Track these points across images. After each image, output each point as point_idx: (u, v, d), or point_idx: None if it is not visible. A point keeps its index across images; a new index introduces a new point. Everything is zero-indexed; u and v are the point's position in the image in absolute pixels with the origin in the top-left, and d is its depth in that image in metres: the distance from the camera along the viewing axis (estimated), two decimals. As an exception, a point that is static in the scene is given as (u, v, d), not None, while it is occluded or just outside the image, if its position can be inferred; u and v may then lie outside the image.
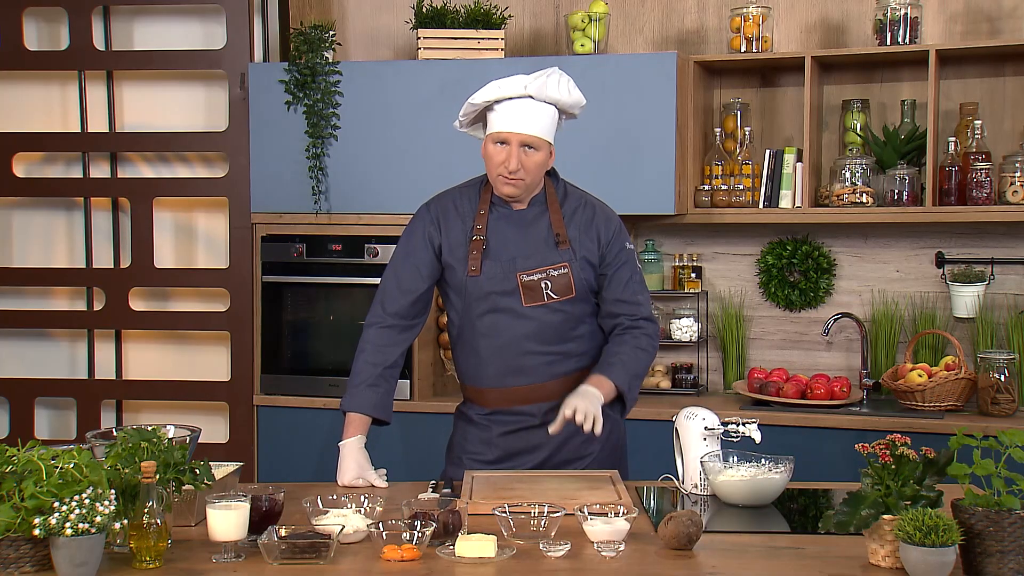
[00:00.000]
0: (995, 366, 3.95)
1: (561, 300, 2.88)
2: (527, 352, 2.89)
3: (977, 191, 4.05)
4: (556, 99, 2.83)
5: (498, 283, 2.87)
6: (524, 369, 2.90)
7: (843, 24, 4.45)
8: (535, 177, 2.87)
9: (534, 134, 2.81)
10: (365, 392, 2.88)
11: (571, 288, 2.88)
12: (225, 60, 4.54)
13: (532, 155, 2.82)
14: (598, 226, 2.94)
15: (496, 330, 2.89)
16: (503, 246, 2.89)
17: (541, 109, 2.83)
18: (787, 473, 2.66)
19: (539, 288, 2.86)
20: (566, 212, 2.94)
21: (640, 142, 4.19)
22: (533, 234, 2.90)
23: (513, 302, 2.87)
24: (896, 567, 2.10)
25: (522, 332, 2.88)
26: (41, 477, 2.09)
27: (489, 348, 2.91)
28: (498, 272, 2.87)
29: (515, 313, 2.87)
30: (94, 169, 4.76)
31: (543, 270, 2.87)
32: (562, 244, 2.89)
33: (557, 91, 2.83)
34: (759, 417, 2.92)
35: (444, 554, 2.18)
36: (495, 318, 2.89)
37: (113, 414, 4.76)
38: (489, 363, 2.93)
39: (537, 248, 2.89)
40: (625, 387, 2.85)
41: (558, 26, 4.73)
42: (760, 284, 4.55)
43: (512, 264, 2.87)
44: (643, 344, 2.92)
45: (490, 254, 2.88)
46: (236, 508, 2.21)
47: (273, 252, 4.51)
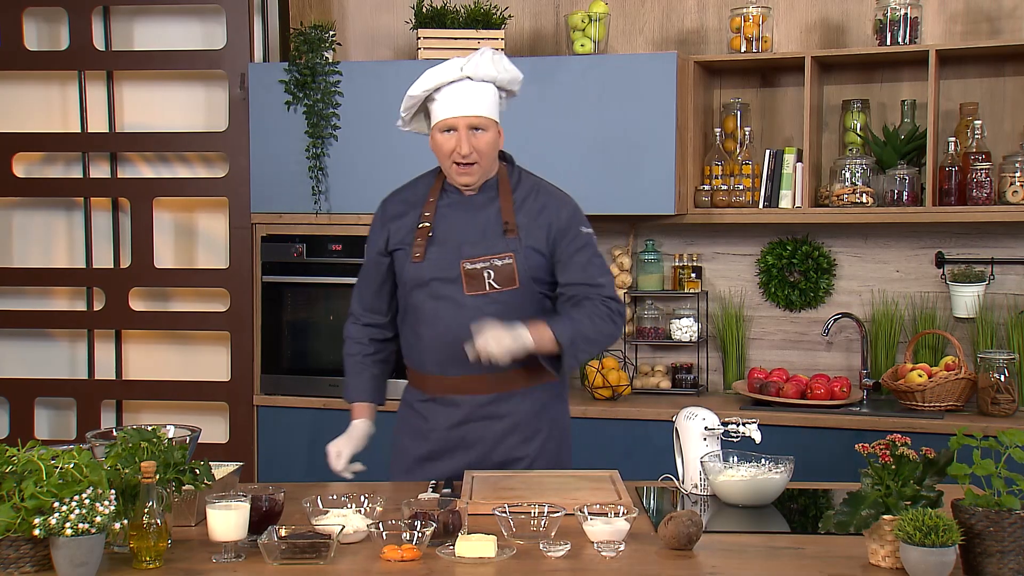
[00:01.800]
0: (995, 366, 3.95)
1: (503, 291, 2.81)
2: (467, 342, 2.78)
3: (977, 191, 4.05)
4: (493, 76, 2.81)
5: (441, 269, 2.83)
6: (462, 360, 2.80)
7: (843, 24, 4.45)
8: (488, 159, 2.84)
9: (479, 114, 2.79)
10: (353, 382, 3.02)
11: (514, 279, 2.81)
12: (225, 60, 4.54)
13: (481, 136, 2.80)
14: (549, 214, 2.86)
15: (436, 318, 2.85)
16: (450, 232, 2.86)
17: (481, 89, 2.81)
18: (787, 473, 2.66)
19: (481, 277, 2.81)
20: (517, 198, 2.88)
21: (640, 142, 4.19)
22: (481, 220, 2.86)
23: (454, 290, 2.82)
24: (896, 567, 2.10)
25: (462, 321, 2.79)
26: (41, 477, 2.09)
27: (429, 335, 2.87)
28: (442, 258, 2.84)
29: (455, 302, 2.82)
30: (94, 169, 4.76)
31: (487, 259, 2.81)
32: (509, 232, 2.83)
33: (493, 68, 2.80)
34: (759, 417, 2.92)
35: (444, 554, 2.18)
36: (436, 305, 2.85)
37: (113, 414, 4.76)
38: (429, 350, 2.89)
39: (483, 235, 2.84)
40: (566, 342, 2.75)
41: (558, 26, 4.73)
42: (760, 284, 4.55)
43: (456, 251, 2.83)
44: (601, 313, 2.83)
45: (436, 240, 2.86)
46: (236, 508, 2.21)
47: (273, 252, 4.51)
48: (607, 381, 4.30)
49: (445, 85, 2.80)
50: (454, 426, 2.91)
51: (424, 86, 2.82)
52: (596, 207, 4.25)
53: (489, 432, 2.89)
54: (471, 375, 2.86)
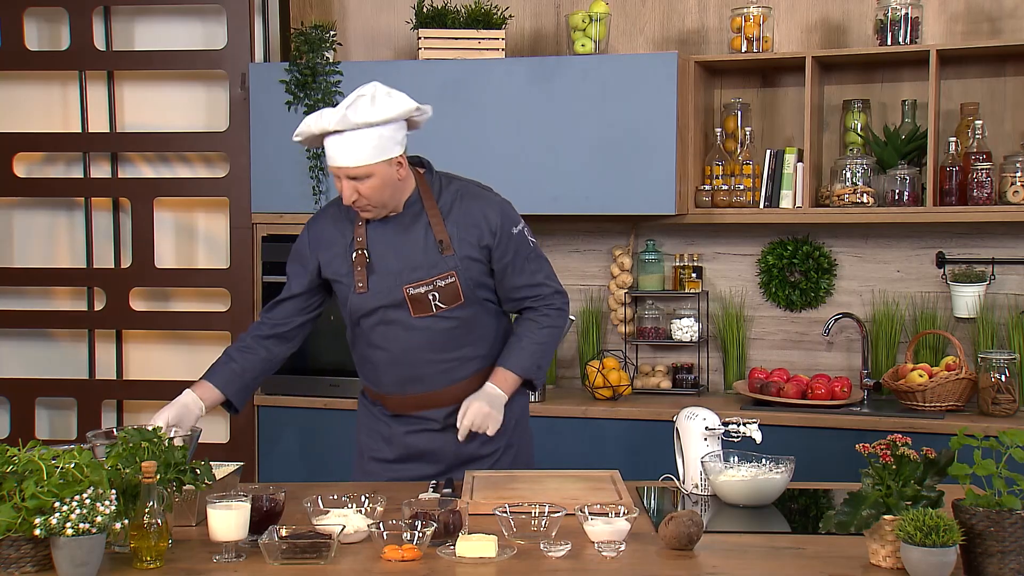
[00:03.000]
0: (995, 366, 3.95)
1: (450, 307, 2.81)
2: (422, 361, 2.84)
3: (978, 191, 4.05)
4: (367, 122, 2.65)
5: (385, 297, 2.81)
6: (420, 378, 2.86)
7: (844, 24, 4.45)
8: (382, 199, 2.74)
9: (354, 165, 2.67)
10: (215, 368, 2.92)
11: (459, 295, 2.81)
12: (226, 60, 4.54)
13: (366, 182, 2.69)
14: (477, 221, 2.81)
15: (388, 341, 2.84)
16: (386, 257, 2.81)
17: (360, 137, 2.66)
18: (788, 473, 2.66)
19: (427, 300, 2.79)
20: (443, 208, 2.82)
21: (641, 142, 4.19)
22: (414, 242, 2.81)
23: (402, 314, 2.81)
24: (897, 567, 2.10)
25: (415, 343, 2.82)
26: (42, 477, 2.09)
27: (383, 359, 2.87)
28: (384, 286, 2.81)
29: (405, 325, 2.82)
30: (95, 169, 4.76)
31: (429, 281, 2.79)
32: (446, 250, 2.79)
33: (366, 115, 2.65)
34: (760, 417, 2.92)
35: (445, 554, 2.18)
36: (385, 330, 2.84)
37: (113, 414, 4.76)
38: (385, 372, 2.89)
39: (421, 258, 2.79)
40: (531, 374, 2.85)
41: (559, 26, 4.73)
42: (761, 284, 4.55)
43: (398, 277, 2.80)
44: (546, 322, 2.88)
45: (374, 268, 2.81)
46: (237, 508, 2.21)
47: (273, 252, 4.51)
48: (607, 381, 4.30)
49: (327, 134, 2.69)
50: (416, 434, 2.92)
51: (301, 134, 2.74)
52: (596, 207, 4.28)
53: (451, 439, 2.88)
54: (429, 392, 2.88)
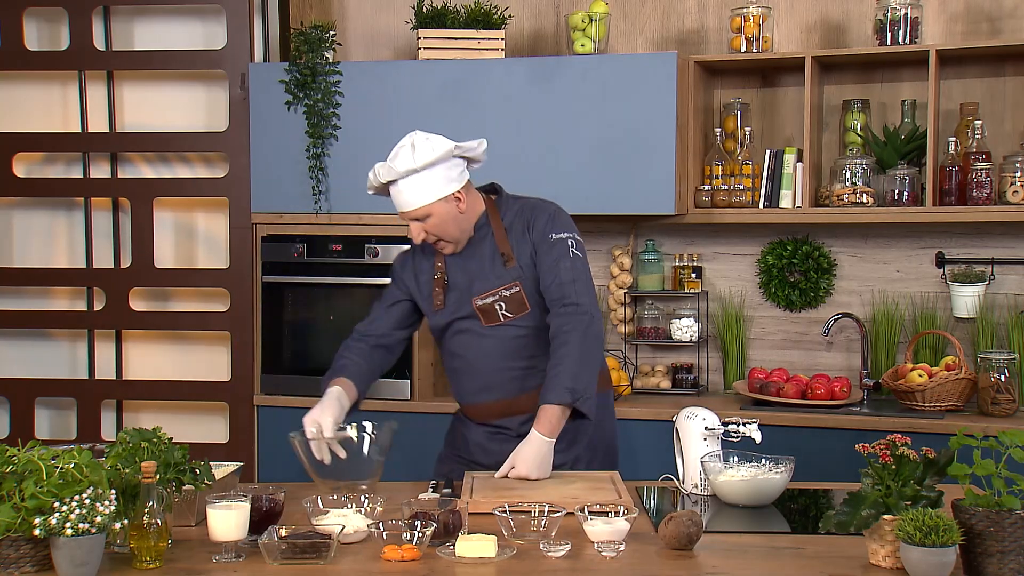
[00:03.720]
0: (995, 366, 3.95)
1: (517, 316, 2.93)
2: (494, 368, 2.96)
3: (977, 191, 4.05)
4: (411, 169, 2.83)
5: (457, 311, 2.96)
6: (493, 385, 2.97)
7: (843, 24, 4.45)
8: (448, 232, 2.90)
9: (412, 208, 2.86)
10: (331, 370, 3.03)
11: (524, 304, 2.92)
12: (225, 60, 4.54)
13: (428, 221, 2.87)
14: (529, 225, 2.95)
15: (464, 349, 2.98)
16: (460, 276, 2.96)
17: (410, 183, 2.84)
18: (787, 473, 2.66)
19: (494, 310, 2.92)
20: (507, 225, 2.97)
21: (640, 142, 4.19)
22: (480, 256, 2.95)
23: (474, 324, 2.95)
24: (896, 567, 2.10)
25: (486, 349, 2.95)
26: (41, 477, 2.09)
27: (461, 366, 3.02)
28: (457, 301, 2.96)
29: (477, 333, 2.95)
30: (94, 169, 4.76)
31: (495, 292, 2.92)
32: (509, 262, 2.92)
33: (410, 162, 2.82)
34: (759, 417, 2.92)
35: (444, 554, 2.18)
36: (461, 339, 2.98)
37: (113, 414, 4.76)
38: (463, 381, 3.03)
39: (487, 271, 2.93)
40: (567, 398, 2.77)
41: (558, 26, 4.73)
42: (760, 284, 4.55)
43: (468, 292, 2.94)
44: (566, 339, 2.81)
45: (451, 287, 2.97)
46: (236, 508, 2.21)
47: (273, 252, 4.51)
48: (607, 381, 4.30)
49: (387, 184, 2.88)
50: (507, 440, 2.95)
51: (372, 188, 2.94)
52: (596, 207, 4.27)
53: None
54: (504, 399, 2.97)
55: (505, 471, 2.77)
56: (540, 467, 2.76)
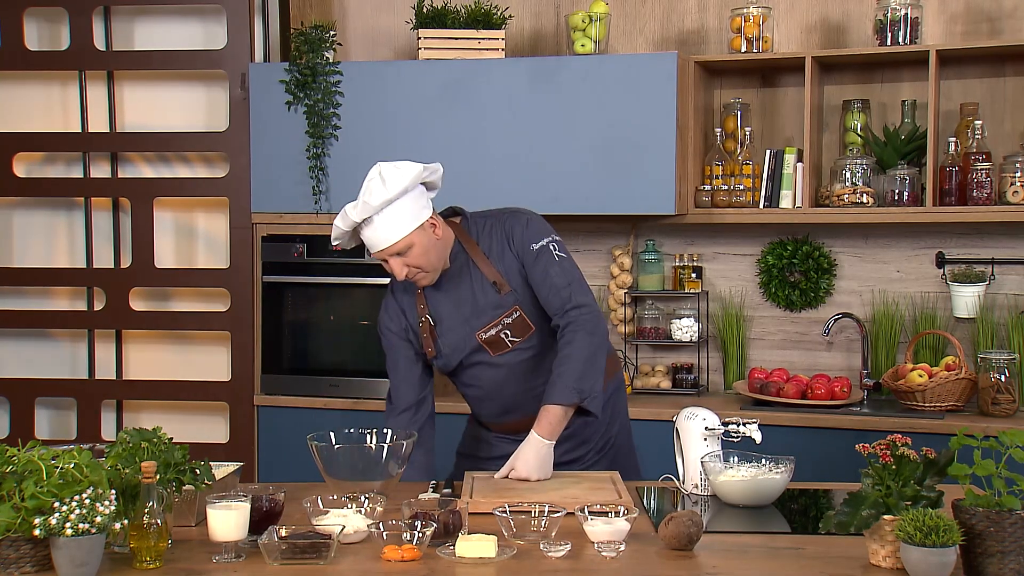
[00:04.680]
0: (995, 366, 3.95)
1: (524, 339, 2.89)
2: (512, 394, 2.94)
3: (977, 191, 4.05)
4: (386, 200, 2.72)
5: (462, 351, 2.91)
6: (513, 408, 2.96)
7: (843, 24, 4.45)
8: (430, 262, 2.81)
9: (392, 242, 2.75)
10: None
11: (528, 326, 2.88)
12: (225, 60, 4.54)
13: (410, 253, 2.78)
14: (507, 240, 2.89)
15: (478, 381, 2.96)
16: (451, 315, 2.90)
17: (386, 216, 2.73)
18: (787, 473, 2.66)
19: (500, 340, 2.89)
20: (485, 250, 2.90)
21: (640, 142, 4.19)
22: (467, 288, 2.88)
23: (483, 356, 2.91)
24: (897, 567, 2.10)
25: (501, 378, 2.93)
26: (41, 477, 2.08)
27: (477, 395, 3.00)
28: (458, 342, 2.90)
29: (489, 363, 2.92)
30: (94, 169, 4.76)
31: (497, 322, 2.88)
32: (502, 288, 2.87)
33: (381, 195, 2.71)
34: (759, 417, 2.92)
35: (444, 554, 2.18)
36: (473, 372, 2.95)
37: (113, 414, 4.77)
38: (481, 406, 3.03)
39: (481, 302, 2.87)
40: (572, 398, 2.76)
41: (558, 26, 4.73)
42: (760, 284, 4.55)
43: (468, 330, 2.89)
44: (573, 339, 2.79)
45: (443, 330, 2.91)
46: (236, 508, 2.20)
47: (273, 252, 4.51)
48: (607, 381, 4.30)
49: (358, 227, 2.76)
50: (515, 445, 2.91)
51: (338, 239, 2.82)
52: (596, 207, 4.28)
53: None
54: (527, 418, 2.86)
55: (505, 472, 2.76)
56: (540, 468, 2.75)
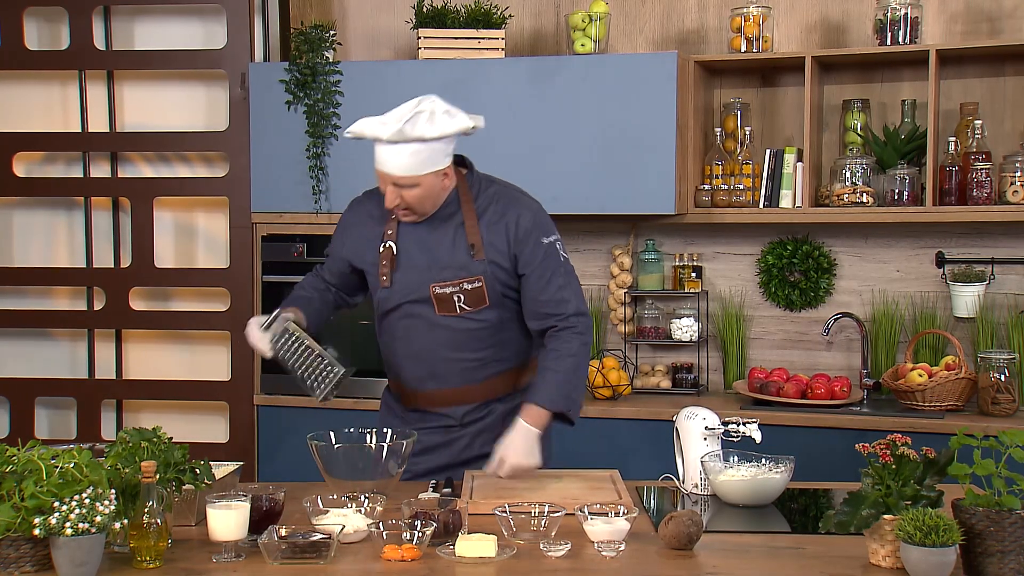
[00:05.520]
0: (995, 366, 3.95)
1: (475, 310, 2.79)
2: (442, 359, 2.82)
3: (977, 191, 4.05)
4: (420, 137, 2.63)
5: (410, 293, 2.80)
6: (440, 375, 2.84)
7: (843, 24, 4.45)
8: (424, 208, 2.74)
9: (403, 174, 2.66)
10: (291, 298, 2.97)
11: (484, 299, 2.78)
12: (225, 60, 4.54)
13: (410, 191, 2.69)
14: (507, 223, 2.78)
15: (410, 335, 2.83)
16: (415, 253, 2.80)
17: (409, 148, 2.64)
18: (787, 473, 2.66)
19: (452, 300, 2.77)
20: (478, 211, 2.79)
21: (640, 142, 4.19)
22: (445, 241, 2.78)
23: (426, 310, 2.80)
24: (897, 567, 2.10)
25: (436, 339, 2.81)
26: (41, 477, 2.09)
27: (404, 352, 2.86)
28: (410, 283, 2.79)
29: (428, 321, 2.80)
30: (94, 169, 4.76)
31: (456, 283, 2.77)
32: (476, 254, 2.76)
33: (423, 131, 2.63)
34: (759, 417, 2.92)
35: (444, 554, 2.18)
36: (408, 323, 2.83)
37: (113, 414, 4.76)
38: (404, 366, 2.89)
39: (451, 259, 2.77)
40: (561, 406, 2.73)
41: (558, 26, 4.73)
42: (760, 284, 4.55)
43: (425, 275, 2.78)
44: (570, 347, 2.76)
45: (401, 264, 2.80)
46: (236, 508, 2.21)
47: (273, 252, 4.51)
48: (607, 381, 4.30)
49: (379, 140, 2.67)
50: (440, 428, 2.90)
51: (353, 133, 2.73)
52: (596, 207, 4.28)
53: (465, 433, 2.89)
54: (446, 389, 2.84)
55: (494, 466, 2.69)
56: (528, 454, 2.68)
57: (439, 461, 2.91)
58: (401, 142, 2.64)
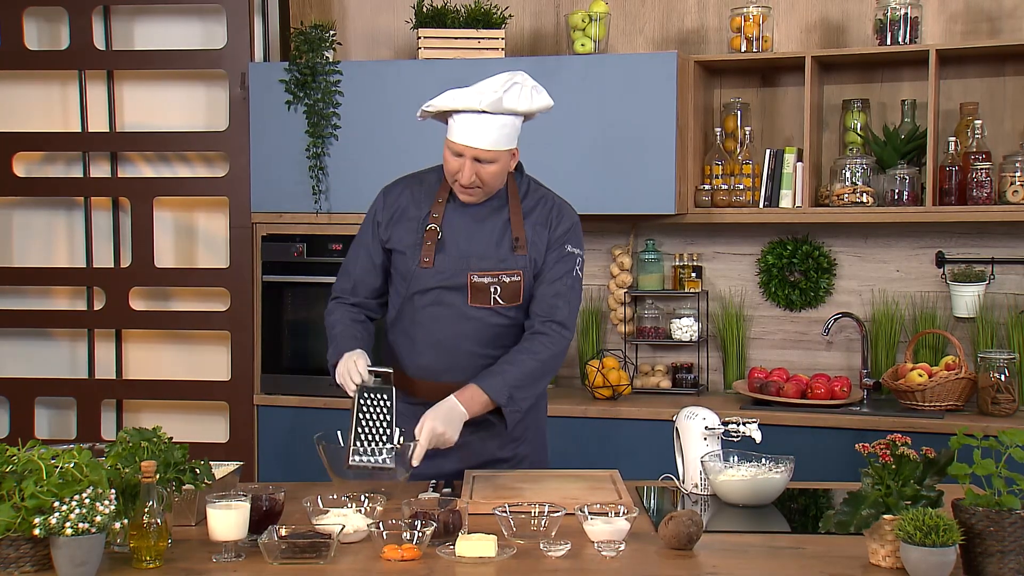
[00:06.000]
0: (995, 366, 3.95)
1: (507, 305, 2.78)
2: (465, 351, 2.79)
3: (977, 191, 4.05)
4: (515, 110, 2.66)
5: (447, 278, 2.77)
6: (458, 367, 2.79)
7: (843, 24, 4.45)
8: (493, 186, 2.74)
9: (488, 148, 2.66)
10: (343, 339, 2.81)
11: (519, 296, 2.78)
12: (225, 60, 4.54)
13: (487, 167, 2.69)
14: (551, 224, 2.81)
15: (436, 324, 2.80)
16: (457, 239, 2.78)
17: (499, 121, 2.66)
18: (787, 473, 2.66)
19: (488, 291, 2.75)
20: (525, 208, 2.81)
21: (640, 142, 4.19)
22: (489, 232, 2.78)
23: (458, 299, 2.77)
24: (896, 567, 2.10)
25: (462, 331, 2.79)
26: (41, 477, 2.08)
27: (426, 340, 2.82)
28: (449, 267, 2.77)
29: (458, 311, 2.78)
30: (94, 169, 4.76)
31: (495, 274, 2.76)
32: (520, 249, 2.77)
33: (517, 103, 2.66)
34: (759, 417, 2.92)
35: (444, 554, 2.18)
36: (437, 311, 2.79)
37: (113, 414, 4.76)
38: (423, 354, 2.83)
39: (493, 249, 2.77)
40: (501, 399, 2.71)
41: (558, 26, 4.73)
42: (760, 284, 4.55)
43: (465, 262, 2.76)
44: (541, 355, 2.76)
45: (444, 247, 2.77)
46: (236, 508, 2.20)
47: (273, 252, 4.51)
48: (607, 381, 4.30)
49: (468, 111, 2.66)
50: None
51: (440, 106, 2.70)
52: (596, 207, 4.28)
53: (475, 436, 2.83)
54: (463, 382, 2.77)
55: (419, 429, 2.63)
56: (448, 423, 2.63)
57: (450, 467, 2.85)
58: (496, 113, 2.64)
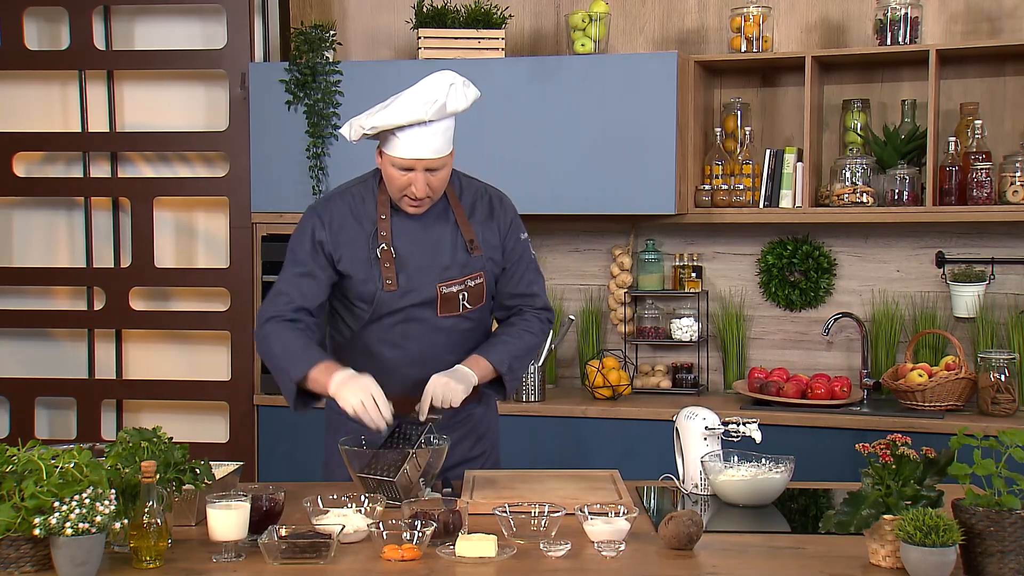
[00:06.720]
0: (995, 366, 3.95)
1: (473, 309, 2.77)
2: (439, 362, 2.72)
3: (977, 191, 4.05)
4: (456, 111, 2.62)
5: (416, 295, 2.71)
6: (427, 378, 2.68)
7: (843, 24, 4.45)
8: (441, 191, 2.70)
9: (437, 156, 2.61)
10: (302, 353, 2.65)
11: (483, 296, 2.78)
12: (225, 60, 4.54)
13: (438, 174, 2.64)
14: (497, 218, 2.79)
15: (407, 340, 2.74)
16: (413, 254, 2.71)
17: (442, 126, 2.61)
18: (787, 473, 2.66)
19: (456, 299, 2.73)
20: (466, 208, 2.77)
21: (640, 142, 4.19)
22: (442, 240, 2.73)
23: (427, 312, 2.72)
24: (897, 567, 2.10)
25: (436, 343, 2.75)
26: (41, 477, 2.09)
27: (397, 359, 2.76)
28: (415, 284, 2.71)
29: (428, 324, 2.73)
30: (94, 169, 4.76)
31: (461, 280, 2.73)
32: (475, 250, 2.73)
33: (458, 104, 2.61)
34: (759, 417, 2.92)
35: (444, 554, 2.18)
36: (406, 328, 2.74)
37: (113, 414, 4.76)
38: (394, 372, 2.74)
39: (453, 257, 2.72)
40: (504, 368, 2.74)
41: (558, 26, 4.73)
42: (760, 284, 4.55)
43: (431, 275, 2.71)
44: (532, 327, 2.83)
45: (403, 264, 2.70)
46: (236, 508, 2.21)
47: (273, 252, 4.51)
48: (607, 381, 4.30)
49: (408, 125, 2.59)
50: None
51: (385, 125, 2.61)
52: (596, 207, 4.28)
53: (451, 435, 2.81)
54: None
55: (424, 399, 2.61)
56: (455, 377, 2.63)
57: None
58: (436, 121, 2.59)
